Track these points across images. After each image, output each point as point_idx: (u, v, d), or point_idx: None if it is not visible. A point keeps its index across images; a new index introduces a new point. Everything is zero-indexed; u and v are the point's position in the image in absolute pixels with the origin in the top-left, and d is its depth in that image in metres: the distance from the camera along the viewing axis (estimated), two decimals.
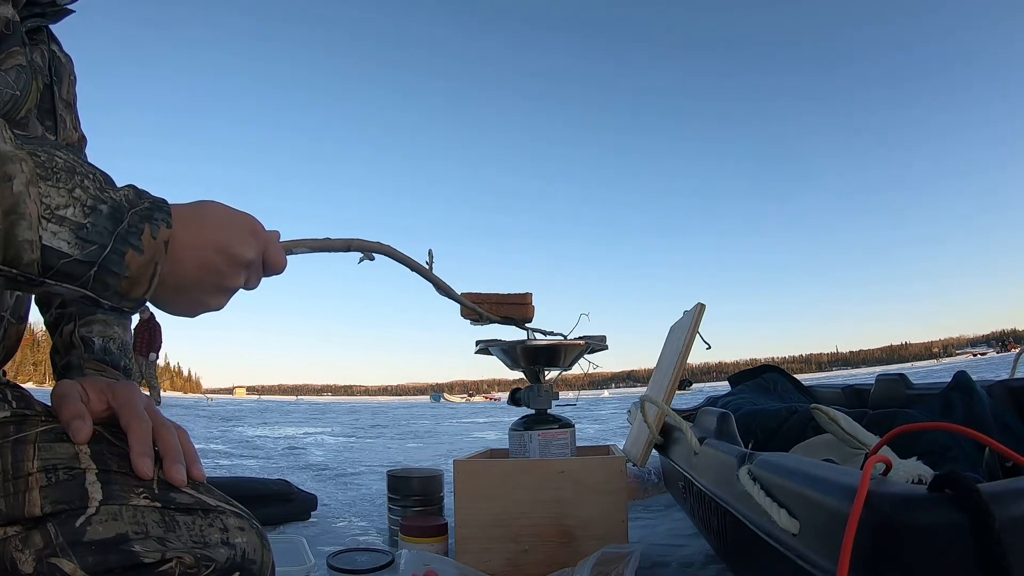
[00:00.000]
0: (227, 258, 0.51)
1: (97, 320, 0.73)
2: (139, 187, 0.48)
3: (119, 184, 0.48)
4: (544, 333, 1.43)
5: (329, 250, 0.69)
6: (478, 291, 1.36)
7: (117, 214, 0.45)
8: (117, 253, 0.45)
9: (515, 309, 1.38)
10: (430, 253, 0.95)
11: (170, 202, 0.49)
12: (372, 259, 0.78)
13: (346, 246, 0.71)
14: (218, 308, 0.54)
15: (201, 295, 0.52)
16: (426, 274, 0.94)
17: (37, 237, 0.42)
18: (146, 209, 0.47)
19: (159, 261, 0.47)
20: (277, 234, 0.58)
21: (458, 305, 1.28)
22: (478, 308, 1.31)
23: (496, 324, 1.37)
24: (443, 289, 1.04)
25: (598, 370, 1.67)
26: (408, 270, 0.87)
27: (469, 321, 1.39)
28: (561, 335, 1.47)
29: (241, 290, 0.55)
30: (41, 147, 0.44)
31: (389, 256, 0.80)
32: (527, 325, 1.40)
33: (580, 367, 1.55)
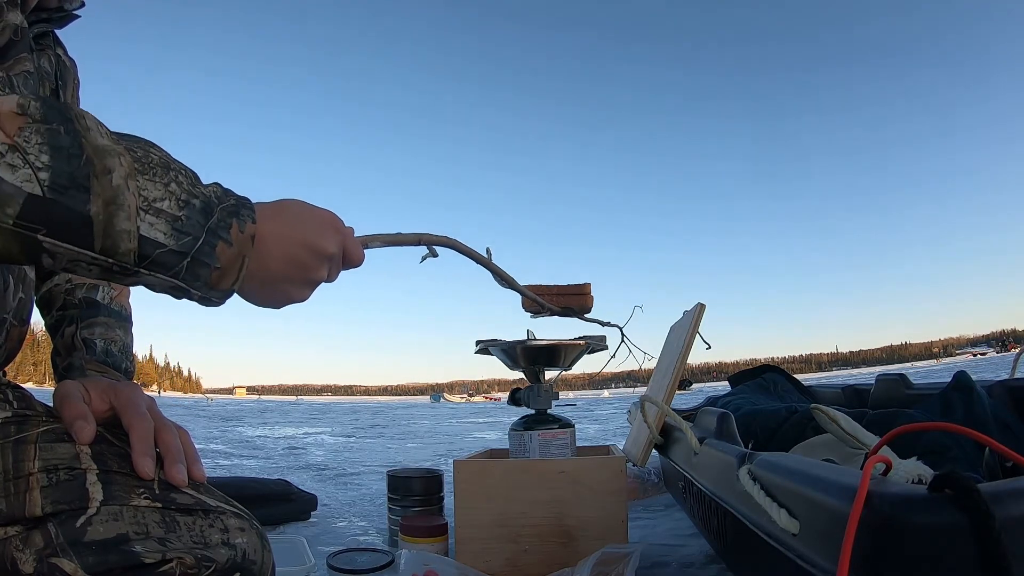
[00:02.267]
0: (311, 252, 0.54)
1: (99, 323, 0.73)
2: (224, 185, 0.51)
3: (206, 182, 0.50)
4: (602, 323, 1.44)
5: (401, 244, 0.71)
6: (535, 283, 1.37)
7: (208, 208, 0.48)
8: (209, 245, 0.47)
9: (575, 299, 1.38)
10: (488, 251, 0.97)
11: (253, 200, 0.52)
12: (436, 255, 0.80)
13: (417, 240, 0.74)
14: (302, 300, 0.57)
15: (287, 287, 0.54)
16: (490, 266, 0.97)
17: (135, 227, 0.44)
18: (233, 205, 0.50)
19: (247, 254, 0.50)
20: (353, 229, 0.61)
21: (519, 297, 1.29)
22: (540, 299, 1.32)
23: (556, 315, 1.38)
24: (506, 281, 1.06)
25: (597, 370, 1.67)
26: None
27: (530, 314, 1.39)
28: (617, 325, 1.48)
29: (323, 283, 0.58)
30: (137, 143, 0.46)
31: (456, 249, 0.83)
32: (586, 315, 1.40)
33: (621, 354, 1.55)
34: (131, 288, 0.80)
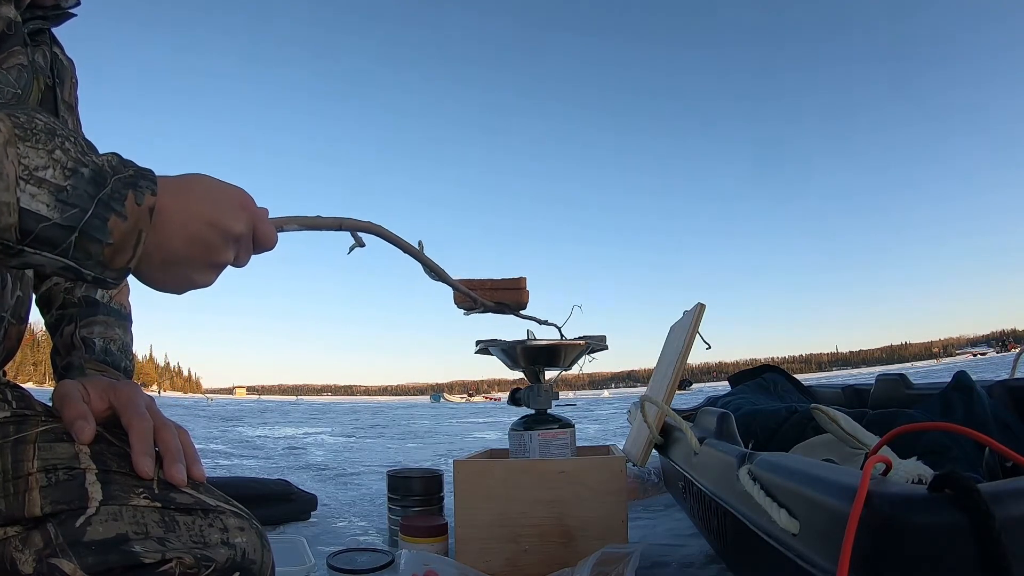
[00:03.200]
0: (217, 231, 0.49)
1: (98, 321, 0.73)
2: (123, 156, 0.47)
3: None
4: (539, 322, 1.40)
5: (319, 228, 0.66)
6: (471, 278, 1.29)
7: (99, 178, 0.44)
8: (99, 218, 0.43)
9: (509, 294, 1.31)
10: (420, 243, 0.91)
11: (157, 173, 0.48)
12: (363, 245, 0.75)
13: (337, 224, 0.68)
14: (206, 285, 0.52)
15: (189, 270, 0.50)
16: (418, 256, 0.90)
17: (15, 199, 0.40)
18: (130, 176, 0.45)
19: (143, 228, 0.45)
20: (266, 211, 0.56)
21: (451, 292, 1.22)
22: (472, 293, 1.25)
23: (490, 312, 1.31)
24: (436, 273, 1.00)
25: (598, 370, 1.67)
26: (402, 256, 0.84)
27: (463, 311, 1.32)
28: (555, 325, 1.45)
29: (232, 269, 0.53)
30: (21, 109, 0.42)
31: (380, 236, 0.77)
32: (521, 312, 1.34)
33: (579, 367, 1.53)
34: (130, 287, 0.80)
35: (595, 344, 1.48)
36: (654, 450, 1.38)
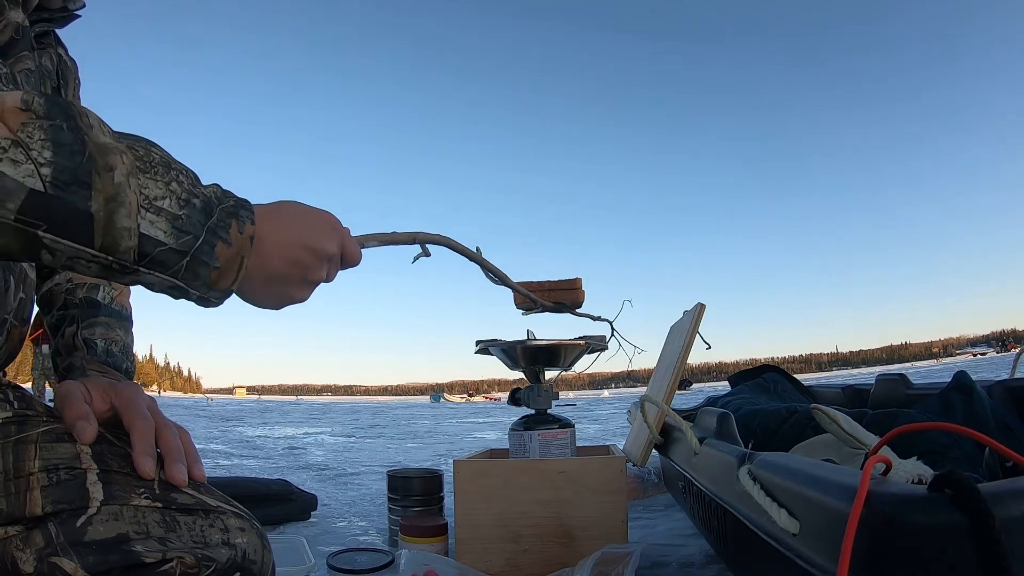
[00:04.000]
0: (310, 252, 0.54)
1: (99, 323, 0.73)
2: (223, 186, 0.51)
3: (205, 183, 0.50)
4: (593, 318, 1.44)
5: (397, 243, 0.72)
6: (526, 280, 1.37)
7: (208, 208, 0.48)
8: (208, 244, 0.47)
9: (566, 294, 1.38)
10: (478, 249, 0.97)
11: (252, 202, 0.52)
12: (428, 255, 0.81)
13: (412, 239, 0.74)
14: (302, 300, 0.57)
15: (286, 287, 0.54)
16: (483, 263, 0.98)
17: (136, 225, 0.44)
18: (232, 206, 0.50)
19: (245, 255, 0.50)
20: (349, 230, 0.61)
21: (511, 294, 1.29)
22: (532, 295, 1.32)
23: (548, 311, 1.38)
24: (499, 277, 1.07)
25: (598, 370, 1.66)
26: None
27: (521, 311, 1.40)
28: (608, 320, 1.48)
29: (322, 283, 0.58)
30: (138, 141, 0.46)
31: (450, 247, 0.83)
32: (577, 310, 1.40)
33: (589, 363, 1.55)
34: (131, 288, 0.80)
35: (595, 344, 1.48)
36: (654, 450, 1.38)
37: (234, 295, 0.53)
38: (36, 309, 0.73)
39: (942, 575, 0.39)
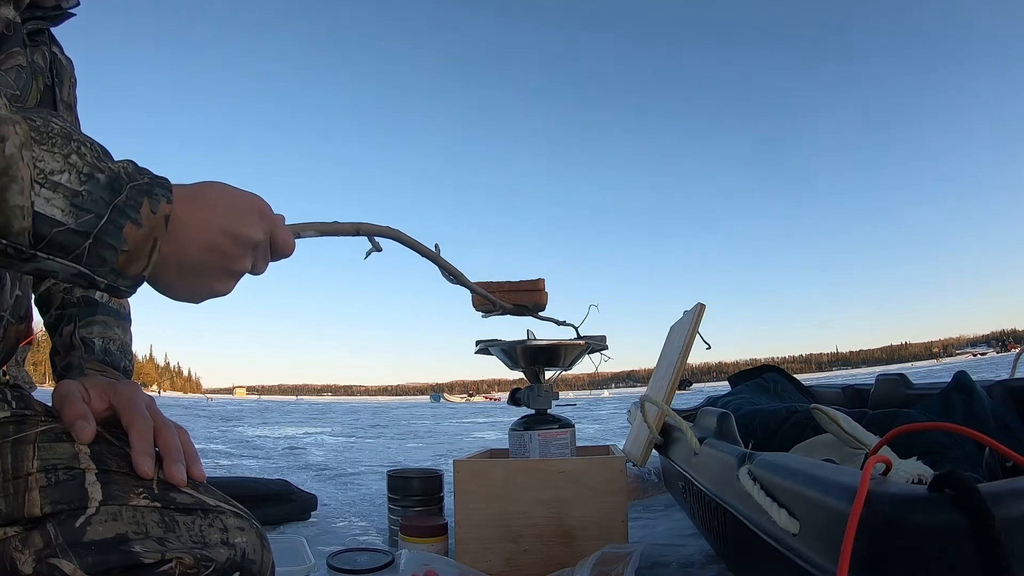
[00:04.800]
0: (233, 239, 0.49)
1: (97, 321, 0.73)
2: (138, 163, 0.47)
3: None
4: (557, 323, 1.40)
5: (337, 234, 0.66)
6: (489, 280, 1.29)
7: (115, 184, 0.43)
8: (114, 224, 0.43)
9: (527, 296, 1.31)
10: (436, 247, 0.91)
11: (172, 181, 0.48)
12: (380, 250, 0.75)
13: (355, 230, 0.69)
14: (224, 293, 0.52)
15: (206, 278, 0.50)
16: (436, 260, 0.91)
17: (29, 203, 0.39)
18: (146, 184, 0.45)
19: (159, 237, 0.45)
20: (283, 217, 0.56)
21: (469, 295, 1.22)
22: (491, 296, 1.25)
23: (508, 314, 1.30)
24: (454, 276, 1.01)
25: (598, 369, 1.66)
26: (419, 258, 0.84)
27: (481, 313, 1.32)
28: (572, 324, 1.46)
29: (247, 275, 0.53)
30: (38, 113, 0.42)
31: (398, 240, 0.77)
32: (539, 313, 1.34)
33: (592, 361, 1.53)
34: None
35: (595, 344, 1.48)
36: (654, 450, 1.38)
37: (146, 284, 0.48)
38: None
39: (942, 575, 0.39)
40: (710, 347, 1.41)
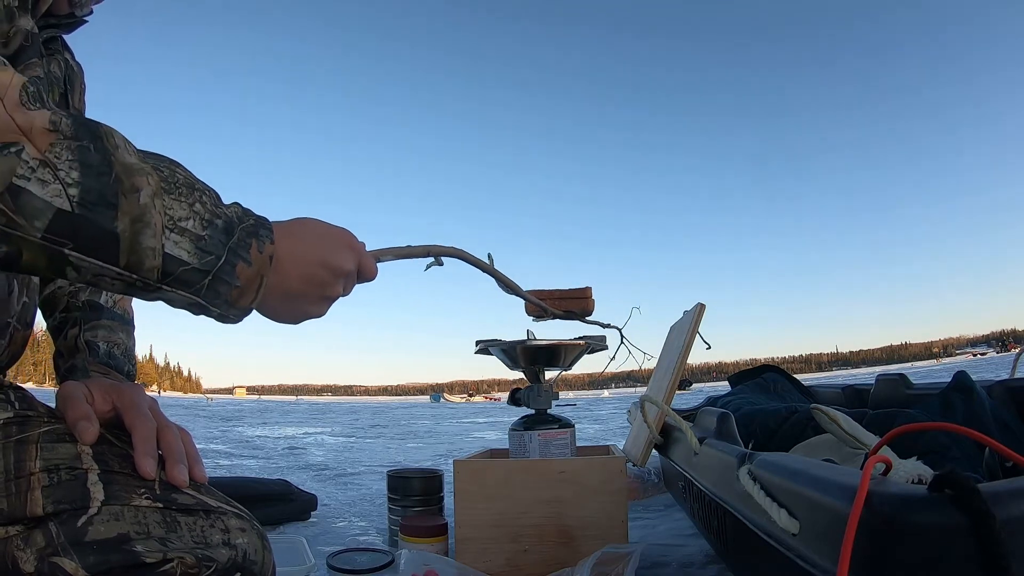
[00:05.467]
0: (328, 270, 0.56)
1: (102, 325, 0.74)
2: (243, 204, 0.52)
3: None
4: (602, 325, 1.47)
5: (412, 256, 0.74)
6: (537, 288, 1.40)
7: (230, 228, 0.49)
8: (229, 264, 0.49)
9: (576, 303, 1.42)
10: (490, 257, 1.00)
11: (271, 219, 0.54)
12: (441, 264, 0.82)
13: (426, 252, 0.76)
14: (319, 315, 0.58)
15: (304, 304, 0.56)
16: (495, 273, 1.00)
17: (160, 245, 0.45)
18: (252, 225, 0.51)
19: (265, 273, 0.51)
20: (364, 245, 0.62)
21: (523, 302, 1.32)
22: (543, 304, 1.35)
23: (558, 319, 1.41)
24: (510, 287, 1.09)
25: (597, 370, 1.67)
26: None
27: (532, 318, 1.43)
28: (617, 328, 1.50)
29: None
30: (162, 162, 0.48)
31: (462, 259, 0.86)
32: (587, 318, 1.44)
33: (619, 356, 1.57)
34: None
35: (595, 344, 1.48)
36: (654, 450, 1.38)
37: (254, 311, 0.54)
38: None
39: (942, 575, 0.39)
40: (710, 347, 1.42)
